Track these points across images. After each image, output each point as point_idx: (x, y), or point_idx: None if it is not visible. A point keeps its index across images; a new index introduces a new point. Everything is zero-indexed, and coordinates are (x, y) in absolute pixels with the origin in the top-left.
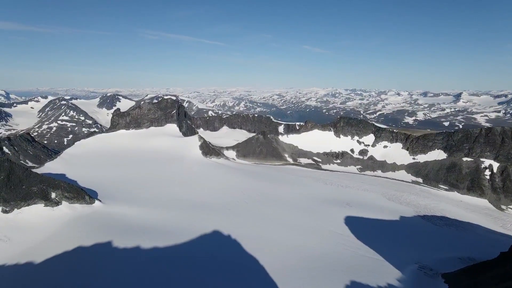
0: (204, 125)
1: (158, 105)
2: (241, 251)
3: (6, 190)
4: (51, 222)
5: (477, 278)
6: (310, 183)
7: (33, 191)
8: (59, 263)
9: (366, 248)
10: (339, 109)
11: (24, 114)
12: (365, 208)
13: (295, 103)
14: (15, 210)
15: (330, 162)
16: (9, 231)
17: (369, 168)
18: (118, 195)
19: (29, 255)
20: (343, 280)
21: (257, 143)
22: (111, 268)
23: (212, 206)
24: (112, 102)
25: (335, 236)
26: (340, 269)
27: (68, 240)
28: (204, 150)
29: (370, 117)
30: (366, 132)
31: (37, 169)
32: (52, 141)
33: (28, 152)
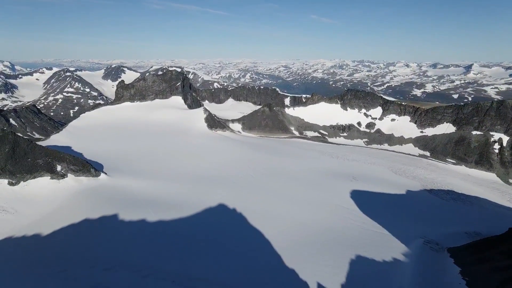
0: (209, 98)
1: (163, 77)
2: (246, 225)
3: (12, 163)
4: (58, 194)
5: (484, 253)
6: (316, 157)
7: (38, 163)
8: (66, 235)
9: (371, 222)
10: (346, 81)
11: (29, 86)
12: (371, 182)
13: (301, 75)
14: (21, 183)
15: (337, 135)
16: (16, 203)
17: (376, 141)
18: (124, 168)
19: (36, 227)
20: (349, 254)
21: (263, 115)
22: (117, 241)
23: (217, 179)
24: (117, 74)
25: (341, 210)
26: (346, 244)
27: (74, 213)
28: (209, 123)
29: (377, 89)
30: (373, 105)
31: (43, 141)
32: (58, 113)
33: (35, 124)
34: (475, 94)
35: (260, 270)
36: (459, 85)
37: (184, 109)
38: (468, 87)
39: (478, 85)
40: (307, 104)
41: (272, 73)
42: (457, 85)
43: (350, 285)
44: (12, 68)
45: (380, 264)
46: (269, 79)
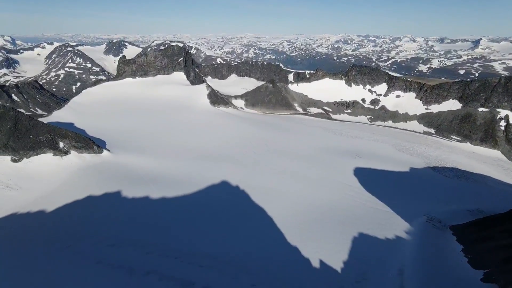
0: (212, 73)
1: (165, 52)
2: (249, 202)
3: (14, 139)
4: (61, 171)
5: (487, 231)
6: (320, 133)
7: (40, 140)
8: (71, 212)
9: (374, 200)
10: (350, 57)
11: (31, 61)
12: (375, 159)
13: (305, 50)
14: (24, 159)
15: (341, 111)
16: (20, 179)
17: (380, 118)
18: (126, 145)
19: (40, 204)
20: (351, 232)
21: (266, 92)
22: (121, 218)
23: (221, 156)
24: (118, 49)
25: (344, 188)
26: (348, 221)
27: (78, 190)
28: (212, 99)
29: (382, 65)
30: (378, 81)
31: (45, 117)
32: (61, 88)
33: (37, 100)
34: (482, 69)
35: (263, 247)
36: (466, 61)
37: (187, 85)
38: (475, 63)
39: (486, 61)
40: (311, 80)
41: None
42: (464, 61)
43: (352, 262)
44: (13, 43)
45: (382, 241)
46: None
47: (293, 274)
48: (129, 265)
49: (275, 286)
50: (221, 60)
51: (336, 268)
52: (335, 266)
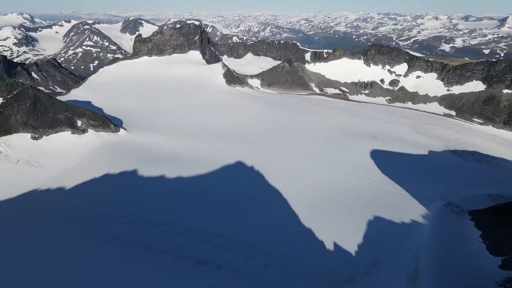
0: (228, 52)
1: (181, 31)
2: (264, 183)
3: (33, 117)
4: (79, 149)
5: (507, 217)
6: (336, 114)
7: (59, 118)
8: (88, 189)
9: (391, 183)
10: (370, 35)
11: (49, 39)
12: (393, 141)
13: (323, 28)
14: (44, 137)
15: (358, 92)
16: (40, 157)
17: (399, 99)
18: (142, 124)
19: (59, 181)
20: (366, 215)
21: (283, 71)
22: (137, 196)
23: (235, 136)
24: (135, 27)
25: (360, 170)
26: (363, 204)
27: (95, 168)
28: (227, 78)
29: (403, 44)
30: (398, 61)
31: (64, 96)
32: (79, 66)
33: (56, 78)
34: (508, 49)
35: (277, 229)
36: (491, 40)
37: (202, 64)
38: (501, 42)
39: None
40: (329, 60)
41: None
42: (489, 40)
43: (366, 246)
44: (32, 21)
45: (398, 225)
46: (290, 33)
47: (306, 256)
48: (145, 243)
49: (288, 267)
50: (237, 39)
51: (350, 251)
52: (349, 249)
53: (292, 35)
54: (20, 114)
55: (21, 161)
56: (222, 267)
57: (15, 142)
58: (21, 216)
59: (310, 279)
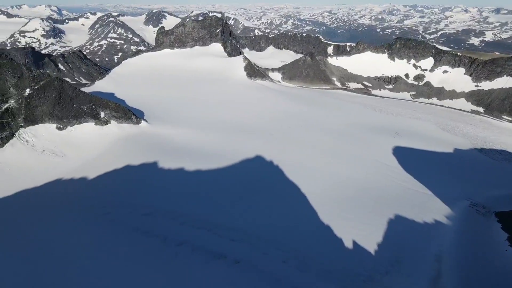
0: (249, 45)
1: (203, 23)
2: (283, 178)
3: (59, 108)
4: (102, 140)
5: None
6: (358, 110)
7: (83, 109)
8: (109, 180)
9: (414, 181)
10: (395, 28)
11: (75, 31)
12: (416, 138)
13: (346, 21)
14: (68, 128)
15: (381, 87)
16: (64, 147)
17: (424, 95)
18: (163, 116)
19: (82, 171)
20: (387, 213)
21: (304, 65)
22: (156, 188)
23: (255, 129)
24: (158, 19)
25: (382, 167)
26: (384, 202)
27: (117, 159)
28: (248, 71)
29: (429, 38)
30: (424, 55)
31: (88, 87)
32: (103, 58)
33: (81, 70)
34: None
35: (294, 223)
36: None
37: (224, 57)
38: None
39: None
40: (351, 54)
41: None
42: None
43: (387, 245)
44: (59, 13)
45: (420, 225)
46: (312, 25)
47: (324, 253)
48: (164, 235)
49: (306, 264)
50: (259, 32)
51: (370, 249)
52: (368, 247)
53: (314, 28)
54: (46, 105)
55: (46, 151)
56: (240, 262)
57: (41, 132)
58: (45, 203)
59: (328, 277)
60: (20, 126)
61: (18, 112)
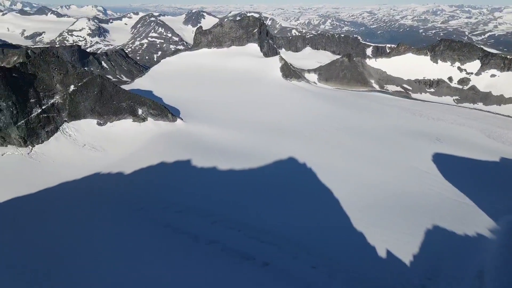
0: (286, 45)
1: (240, 23)
2: (315, 181)
3: (99, 105)
4: (138, 136)
5: None
6: (396, 113)
7: (122, 106)
8: (144, 176)
9: (454, 191)
10: (439, 29)
11: (119, 30)
12: (459, 145)
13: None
14: (108, 124)
15: (422, 90)
16: (104, 142)
17: (469, 99)
18: (198, 114)
19: (119, 166)
20: (424, 223)
21: (341, 66)
22: (189, 186)
23: (289, 131)
24: (197, 19)
25: (419, 174)
26: (422, 211)
27: (152, 155)
28: (284, 72)
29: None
30: (470, 57)
31: (128, 85)
32: (144, 57)
33: (123, 68)
34: None
35: (325, 228)
36: None
37: (260, 57)
38: None
39: None
40: (391, 55)
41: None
42: None
43: (423, 257)
44: (105, 13)
45: (460, 237)
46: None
47: (356, 261)
48: (195, 232)
49: (336, 271)
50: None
51: (405, 260)
52: (403, 258)
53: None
54: (88, 101)
55: (87, 145)
56: (268, 265)
57: (83, 127)
58: (83, 197)
59: (359, 286)
60: (64, 120)
61: (63, 107)
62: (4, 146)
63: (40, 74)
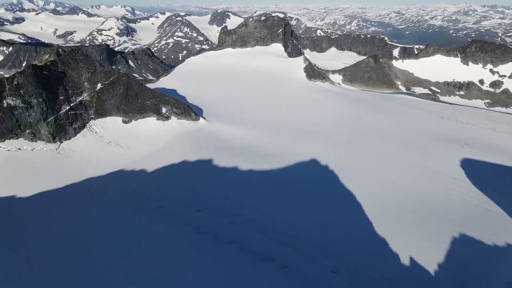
0: (310, 46)
1: (265, 23)
2: (337, 184)
3: (125, 103)
4: (162, 134)
5: None
6: (423, 116)
7: (147, 105)
8: (166, 174)
9: (483, 198)
10: (470, 30)
11: (146, 30)
12: (489, 150)
13: (415, 22)
14: (133, 121)
15: (451, 93)
16: (129, 139)
17: (501, 103)
18: (221, 114)
19: (143, 163)
20: (450, 231)
21: (367, 67)
22: (210, 185)
23: (312, 132)
24: (222, 19)
25: (446, 180)
26: (448, 218)
27: (175, 154)
28: (308, 72)
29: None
30: (504, 60)
31: (153, 83)
32: (169, 56)
33: (149, 66)
34: None
35: (347, 233)
36: None
37: (284, 57)
38: None
39: None
40: (419, 57)
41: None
42: None
43: (449, 266)
44: (133, 13)
45: (489, 247)
46: (378, 26)
47: (377, 267)
48: (214, 232)
49: (357, 277)
50: (321, 32)
51: (429, 269)
52: (428, 267)
53: (380, 29)
54: (114, 99)
55: (112, 142)
56: (288, 267)
57: (108, 124)
58: (107, 192)
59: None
60: (91, 118)
61: (90, 105)
62: (34, 142)
63: (69, 72)
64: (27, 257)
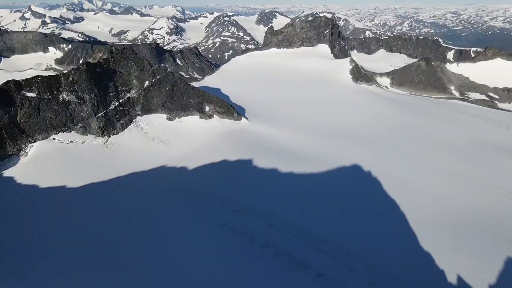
0: (358, 47)
1: (311, 24)
2: (380, 192)
3: (170, 100)
4: (204, 133)
5: None
6: (478, 124)
7: (191, 103)
8: (206, 172)
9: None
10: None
11: (194, 29)
12: None
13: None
14: (177, 119)
15: (511, 100)
16: (172, 136)
17: None
18: (263, 114)
19: (184, 161)
20: (504, 249)
21: (418, 71)
22: (249, 186)
23: (355, 136)
24: (269, 19)
25: (501, 193)
26: (502, 236)
27: (215, 152)
28: (354, 75)
29: None
30: None
31: (198, 82)
32: (215, 55)
33: (195, 65)
34: None
35: (389, 245)
36: None
37: (330, 58)
38: None
39: None
40: (477, 60)
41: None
42: None
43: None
44: (183, 12)
45: None
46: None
47: (420, 283)
48: (251, 234)
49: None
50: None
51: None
52: (476, 286)
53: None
54: (160, 97)
55: (156, 139)
56: (324, 276)
57: (154, 121)
58: (149, 188)
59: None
60: (137, 114)
61: (137, 101)
62: (85, 135)
63: (120, 69)
64: (75, 244)
